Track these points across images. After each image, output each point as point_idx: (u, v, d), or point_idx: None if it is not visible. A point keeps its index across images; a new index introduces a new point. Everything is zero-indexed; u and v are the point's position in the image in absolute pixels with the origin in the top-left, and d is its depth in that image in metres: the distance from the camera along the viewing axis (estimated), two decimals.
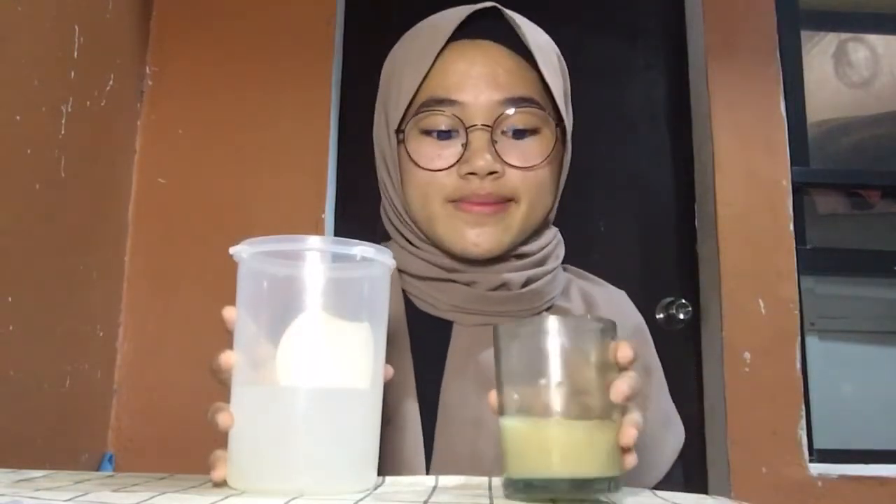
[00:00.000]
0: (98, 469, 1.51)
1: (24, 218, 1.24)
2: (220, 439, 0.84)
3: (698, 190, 1.86)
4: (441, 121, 0.71)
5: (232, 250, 0.52)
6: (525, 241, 0.75)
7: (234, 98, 1.77)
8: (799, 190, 1.81)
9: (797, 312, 1.71)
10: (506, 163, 0.70)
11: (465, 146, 0.70)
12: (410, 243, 0.78)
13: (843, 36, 2.04)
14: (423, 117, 0.72)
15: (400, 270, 0.77)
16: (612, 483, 0.47)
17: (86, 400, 1.50)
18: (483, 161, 0.69)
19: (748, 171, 1.77)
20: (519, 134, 0.72)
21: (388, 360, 0.59)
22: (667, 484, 0.73)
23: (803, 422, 1.65)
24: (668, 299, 1.78)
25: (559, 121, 0.74)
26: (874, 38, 2.05)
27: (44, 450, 1.32)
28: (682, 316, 1.77)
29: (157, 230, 1.71)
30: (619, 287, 0.85)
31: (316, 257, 0.50)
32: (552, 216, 0.80)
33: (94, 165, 1.51)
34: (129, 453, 1.60)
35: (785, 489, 1.61)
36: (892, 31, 2.05)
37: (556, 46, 0.79)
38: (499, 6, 0.75)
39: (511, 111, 0.71)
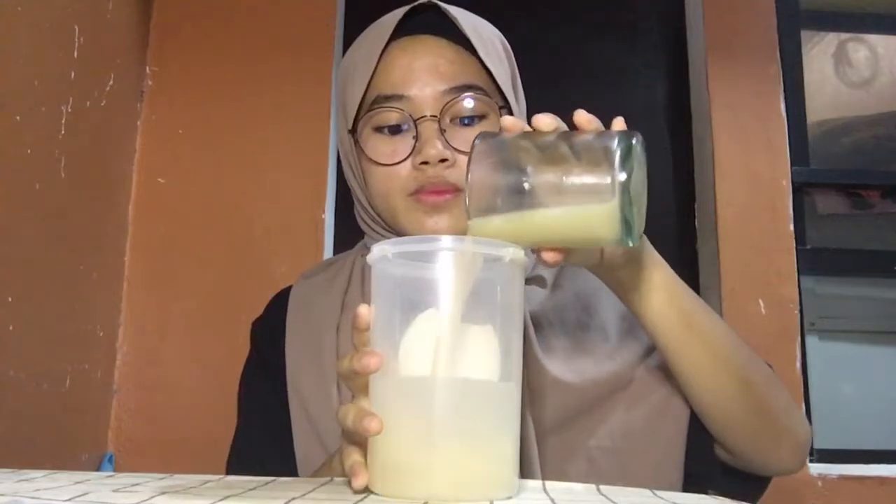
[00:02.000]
0: (98, 469, 1.51)
1: (24, 218, 1.24)
2: (220, 440, 0.84)
3: (698, 190, 1.87)
4: (390, 116, 0.74)
5: (369, 258, 0.52)
6: None
7: (234, 98, 1.77)
8: (799, 190, 1.81)
9: (797, 312, 1.71)
10: (455, 149, 0.72)
11: (416, 138, 0.72)
12: (383, 238, 0.79)
13: (843, 36, 2.04)
14: (373, 115, 0.74)
15: None
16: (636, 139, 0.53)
17: (86, 400, 1.50)
18: (434, 150, 0.71)
19: (748, 171, 1.77)
20: (467, 121, 0.74)
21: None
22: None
23: None
24: None
25: (505, 105, 0.76)
26: (874, 38, 2.05)
27: (44, 450, 1.32)
28: None
29: (157, 230, 1.71)
30: None
31: (448, 258, 0.50)
32: None
33: (94, 165, 1.52)
34: (129, 453, 1.60)
35: (785, 489, 1.61)
36: (892, 31, 2.05)
37: (501, 36, 0.81)
38: (437, 2, 0.77)
39: (456, 99, 0.73)
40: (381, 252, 0.51)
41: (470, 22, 0.76)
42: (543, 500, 0.50)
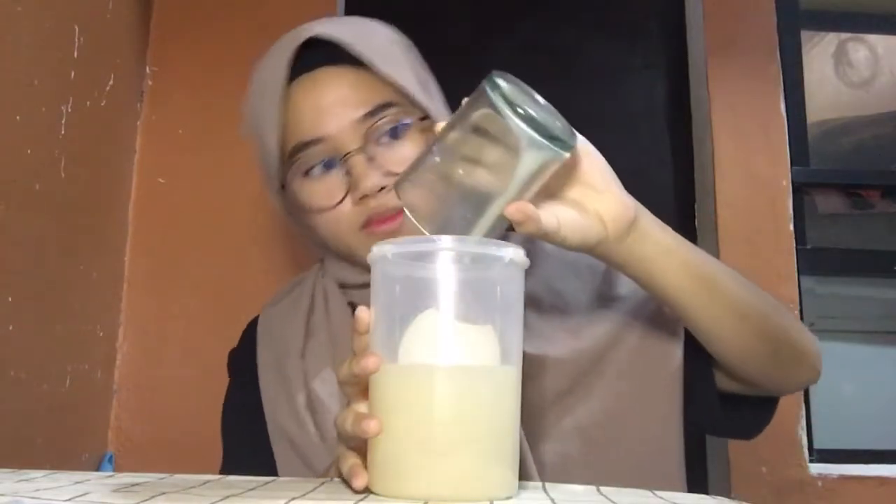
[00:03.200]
0: (98, 469, 1.51)
1: (24, 218, 1.24)
2: (220, 440, 0.84)
3: (698, 190, 1.86)
4: (315, 160, 0.72)
5: (369, 258, 0.52)
6: None
7: (234, 98, 1.76)
8: (799, 190, 1.81)
9: (797, 312, 1.70)
10: (391, 173, 0.70)
11: (348, 173, 0.71)
12: (344, 261, 0.78)
13: (843, 36, 2.04)
14: (297, 164, 0.73)
15: (341, 286, 0.79)
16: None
17: (86, 400, 1.50)
18: (370, 182, 0.69)
19: (748, 171, 1.77)
20: (392, 137, 0.72)
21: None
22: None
23: (803, 422, 1.65)
24: None
25: (424, 113, 0.74)
26: (874, 38, 2.05)
27: (44, 450, 1.32)
28: None
29: (157, 230, 1.70)
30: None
31: (448, 258, 0.50)
32: None
33: (94, 165, 1.51)
34: (129, 453, 1.60)
35: (785, 489, 1.61)
36: (892, 31, 2.05)
37: (396, 36, 0.78)
38: (319, 33, 0.73)
39: (374, 124, 0.71)
40: (381, 252, 0.51)
41: (361, 37, 0.74)
42: (543, 500, 0.50)
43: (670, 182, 1.89)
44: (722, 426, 0.79)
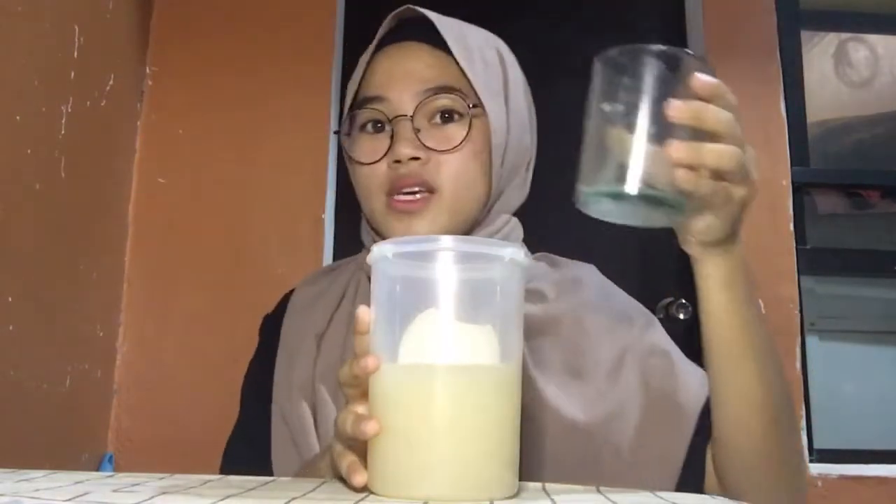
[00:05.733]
0: (98, 469, 1.51)
1: (25, 218, 1.24)
2: (220, 440, 0.84)
3: None
4: (369, 116, 0.76)
5: (369, 258, 0.52)
6: (470, 231, 0.77)
7: (234, 98, 1.77)
8: (799, 190, 1.81)
9: (797, 312, 1.71)
10: (427, 147, 0.73)
11: (392, 137, 0.74)
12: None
13: (843, 36, 2.04)
14: (356, 115, 0.78)
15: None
16: None
17: (86, 400, 1.50)
18: (406, 148, 0.73)
19: None
20: (443, 120, 0.76)
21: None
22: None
23: (803, 422, 1.65)
24: (668, 299, 1.78)
25: (478, 105, 0.76)
26: (874, 38, 2.05)
27: (44, 450, 1.32)
28: (682, 316, 1.76)
29: (157, 230, 1.71)
30: (620, 287, 0.84)
31: (448, 258, 0.50)
32: (506, 204, 0.82)
33: (94, 165, 1.52)
34: (129, 453, 1.60)
35: None
36: (892, 31, 2.05)
37: (499, 45, 0.83)
38: (418, 8, 0.79)
39: (429, 99, 0.74)
40: (381, 252, 0.51)
41: (454, 28, 0.78)
42: (544, 499, 0.50)
43: None
44: None
